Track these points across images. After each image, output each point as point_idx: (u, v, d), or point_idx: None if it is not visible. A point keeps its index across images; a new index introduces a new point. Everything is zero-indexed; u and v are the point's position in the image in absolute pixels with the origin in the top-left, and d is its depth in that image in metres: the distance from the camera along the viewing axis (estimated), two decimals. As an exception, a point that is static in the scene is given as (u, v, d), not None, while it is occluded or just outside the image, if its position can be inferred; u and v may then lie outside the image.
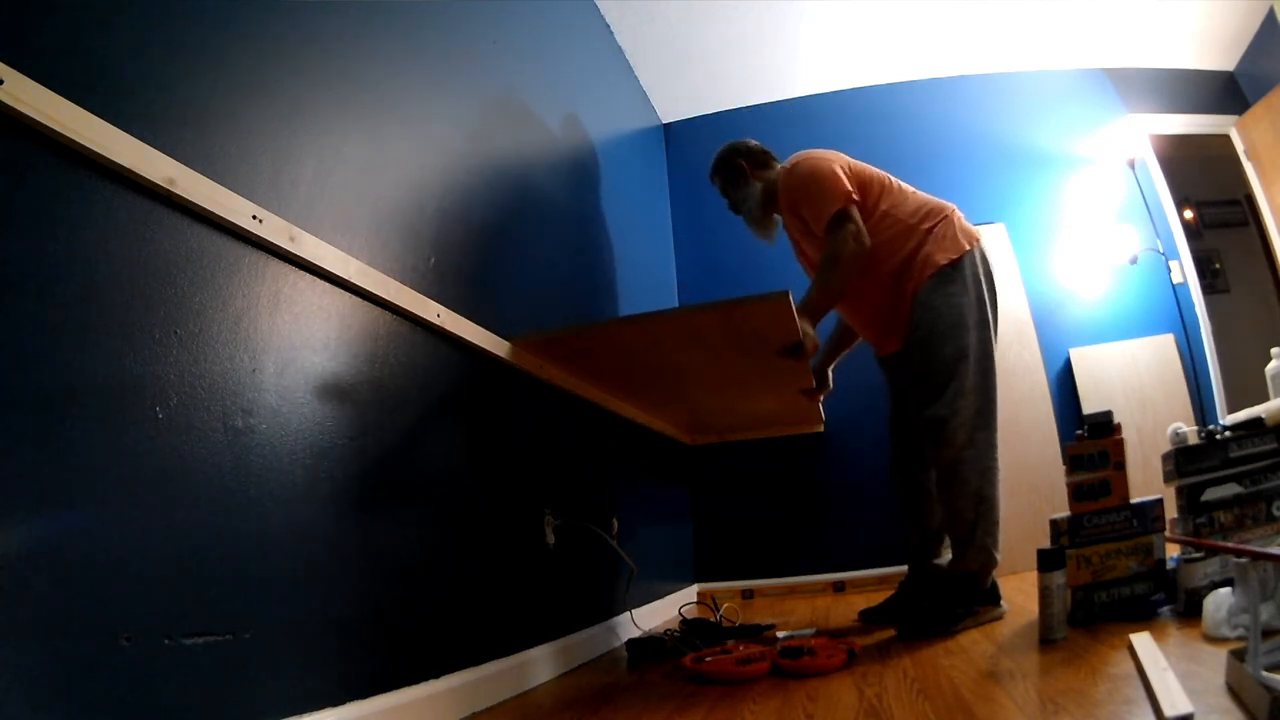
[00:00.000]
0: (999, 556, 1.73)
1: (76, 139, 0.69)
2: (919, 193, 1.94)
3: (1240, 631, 1.12)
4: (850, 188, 1.80)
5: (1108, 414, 1.59)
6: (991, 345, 1.81)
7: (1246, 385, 2.79)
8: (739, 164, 2.07)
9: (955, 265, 1.80)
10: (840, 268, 1.76)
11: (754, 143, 2.13)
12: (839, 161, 1.87)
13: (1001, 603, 1.72)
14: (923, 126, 3.41)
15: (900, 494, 2.01)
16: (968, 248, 1.82)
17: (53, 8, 0.71)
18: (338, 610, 0.98)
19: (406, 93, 1.36)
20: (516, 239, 1.74)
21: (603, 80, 2.79)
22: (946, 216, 1.86)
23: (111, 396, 0.72)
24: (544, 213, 1.95)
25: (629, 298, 2.60)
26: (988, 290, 1.83)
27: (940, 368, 1.76)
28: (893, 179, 1.94)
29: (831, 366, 2.20)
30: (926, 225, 1.85)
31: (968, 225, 1.88)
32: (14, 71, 0.64)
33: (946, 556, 1.91)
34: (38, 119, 0.66)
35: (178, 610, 0.76)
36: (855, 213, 1.79)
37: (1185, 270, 3.14)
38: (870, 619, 1.95)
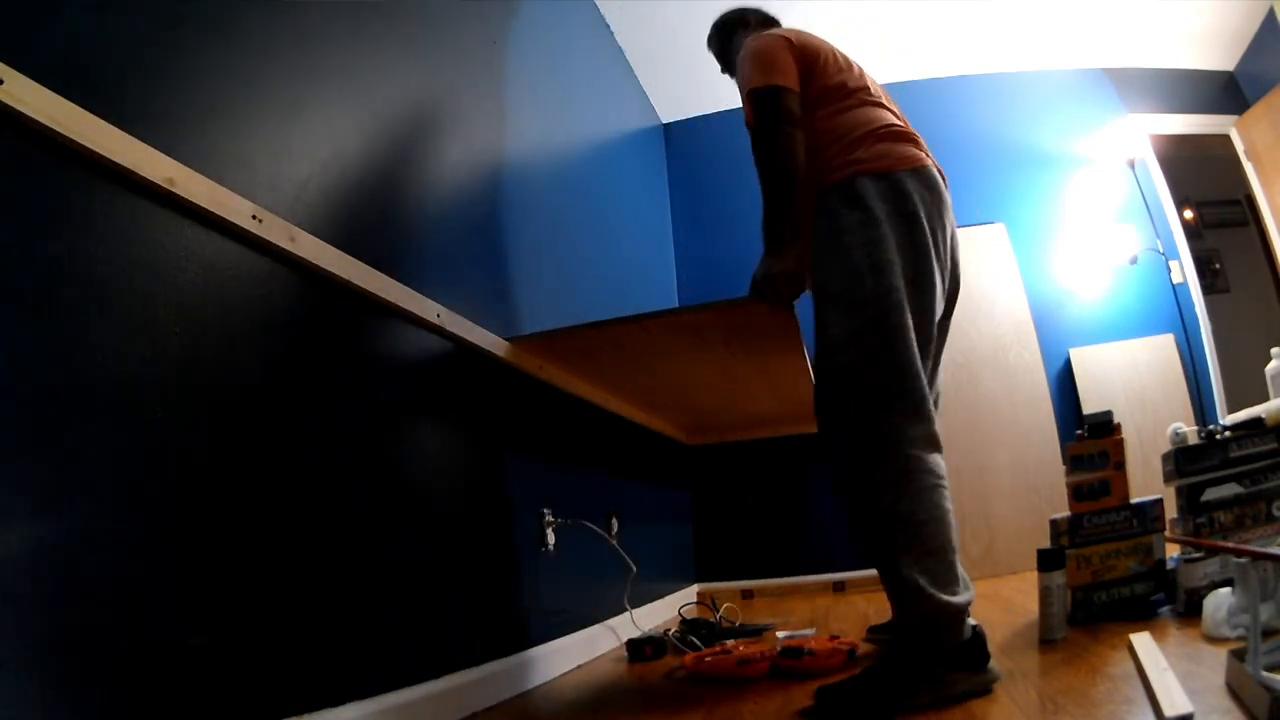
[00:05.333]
0: (952, 598, 1.10)
1: (76, 139, 0.69)
2: (879, 109, 1.47)
3: (1240, 631, 1.12)
4: (786, 71, 1.37)
5: (1108, 414, 1.59)
6: (900, 298, 1.20)
7: (1246, 385, 2.79)
8: (737, 30, 1.79)
9: (858, 183, 1.28)
10: (768, 173, 1.31)
11: (755, 9, 1.80)
12: (795, 39, 1.46)
13: (991, 665, 1.10)
14: (923, 126, 3.36)
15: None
16: (891, 162, 1.31)
17: (53, 8, 0.71)
18: (337, 610, 0.98)
19: (406, 93, 1.36)
20: (516, 239, 1.74)
21: (603, 80, 2.79)
22: (883, 132, 1.38)
23: (111, 396, 0.72)
24: (544, 213, 1.95)
25: (629, 297, 2.60)
26: (918, 227, 1.25)
27: (826, 333, 1.23)
28: (847, 75, 1.50)
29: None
30: (854, 138, 1.36)
31: (919, 151, 1.41)
32: (14, 71, 0.64)
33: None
34: (38, 119, 0.66)
35: (178, 610, 0.76)
36: (785, 103, 1.33)
37: (1185, 270, 3.14)
38: (878, 634, 1.62)
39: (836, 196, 1.30)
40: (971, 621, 1.13)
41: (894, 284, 1.21)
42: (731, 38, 1.77)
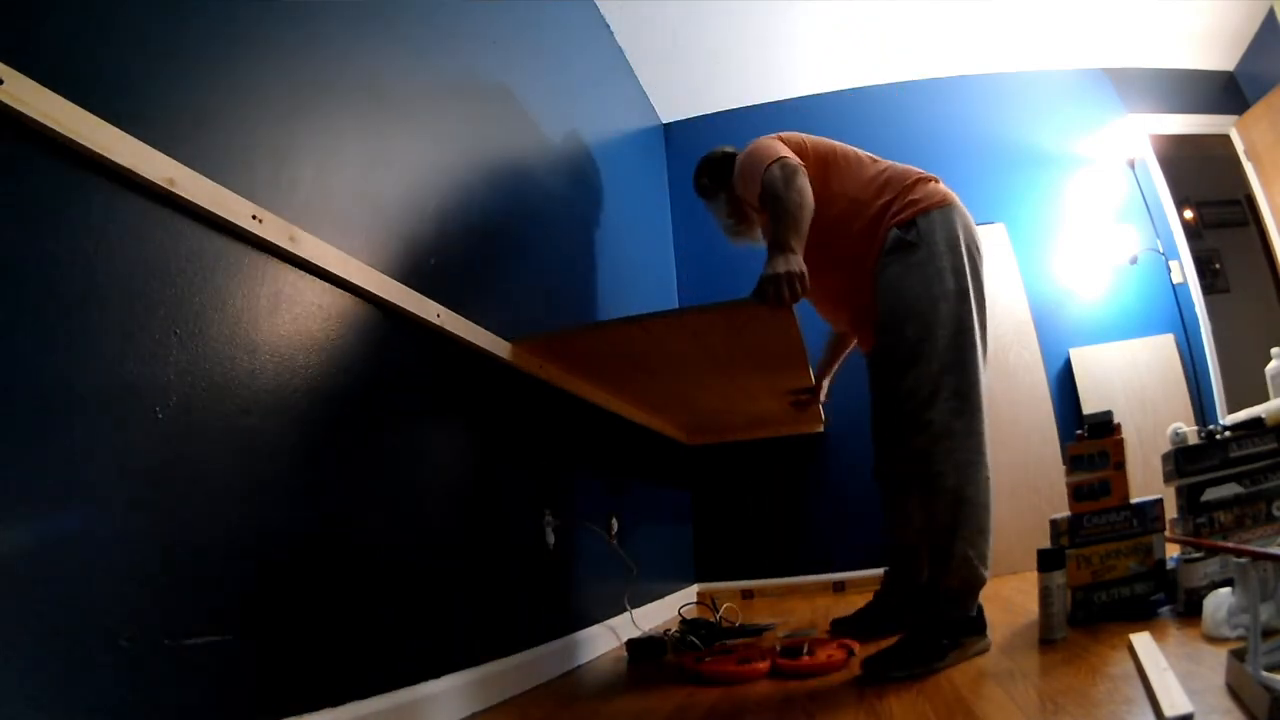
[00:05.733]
0: (986, 574, 1.38)
1: (76, 139, 0.69)
2: (883, 162, 1.70)
3: (1240, 631, 1.12)
4: (784, 149, 1.57)
5: (1108, 414, 1.59)
6: (972, 320, 1.47)
7: (1246, 385, 2.79)
8: (703, 183, 2.06)
9: (911, 228, 1.53)
10: (782, 198, 1.46)
11: (718, 151, 2.05)
12: (780, 136, 1.66)
13: (987, 633, 1.39)
14: (923, 126, 3.41)
15: (883, 497, 1.76)
16: (927, 206, 1.55)
17: (53, 8, 0.71)
18: (337, 610, 0.98)
19: (406, 93, 1.36)
20: (516, 239, 1.74)
21: (603, 80, 2.79)
22: (909, 184, 1.60)
23: (111, 396, 0.72)
24: (544, 213, 1.95)
25: (629, 297, 2.60)
26: (968, 260, 1.52)
27: (904, 347, 1.47)
28: (852, 152, 1.72)
29: (828, 378, 2.15)
30: (884, 198, 1.59)
31: (942, 189, 1.61)
32: (14, 71, 0.64)
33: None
34: (38, 119, 0.66)
35: (178, 610, 0.76)
36: (790, 160, 1.54)
37: (1185, 270, 3.14)
38: (840, 630, 1.76)
39: (902, 233, 1.54)
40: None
41: (965, 304, 1.48)
42: (722, 168, 1.98)
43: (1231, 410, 2.73)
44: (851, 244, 1.61)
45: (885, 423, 1.56)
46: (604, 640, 1.84)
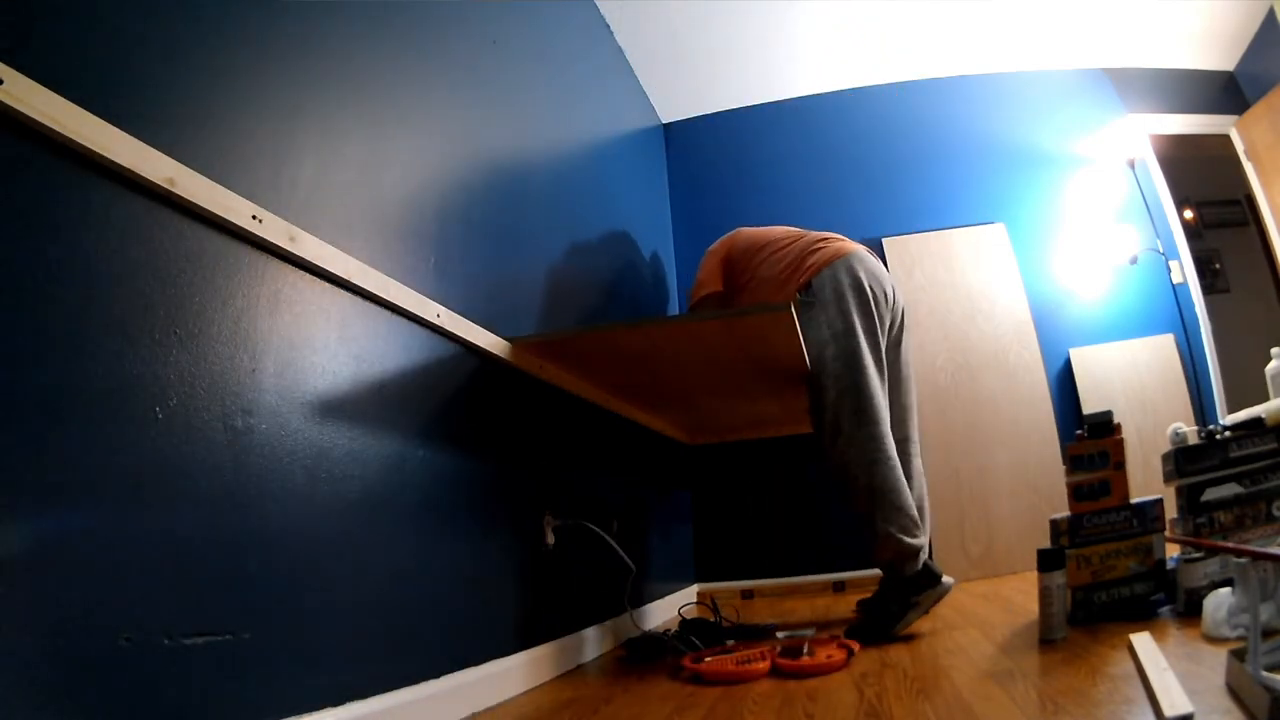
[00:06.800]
0: (916, 539, 1.71)
1: (76, 139, 0.69)
2: (794, 240, 2.08)
3: (1240, 631, 1.12)
4: (713, 278, 2.17)
5: (1108, 414, 1.59)
6: (860, 348, 1.83)
7: (1246, 385, 2.79)
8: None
9: (807, 290, 1.92)
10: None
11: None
12: (723, 248, 2.23)
13: (943, 579, 1.68)
14: (923, 126, 3.41)
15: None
16: (818, 267, 1.93)
17: (53, 8, 0.71)
18: (337, 610, 0.98)
19: (406, 92, 1.36)
20: (516, 239, 1.74)
21: (603, 80, 2.79)
22: (808, 253, 1.99)
23: (111, 396, 0.72)
24: (544, 213, 1.95)
25: (629, 297, 2.60)
26: (854, 298, 1.87)
27: (813, 384, 1.87)
28: (767, 242, 2.14)
29: None
30: (792, 273, 1.98)
31: (833, 247, 1.97)
32: (14, 71, 0.64)
33: None
34: (38, 119, 0.66)
35: (178, 610, 0.76)
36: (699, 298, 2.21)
37: (1185, 270, 3.14)
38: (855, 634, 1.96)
39: (803, 295, 1.94)
40: (923, 556, 1.71)
41: (853, 339, 1.85)
42: None
43: (1231, 410, 2.72)
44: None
45: (818, 445, 1.90)
46: (604, 640, 1.84)
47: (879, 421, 1.79)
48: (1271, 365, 1.94)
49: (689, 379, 1.96)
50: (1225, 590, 1.22)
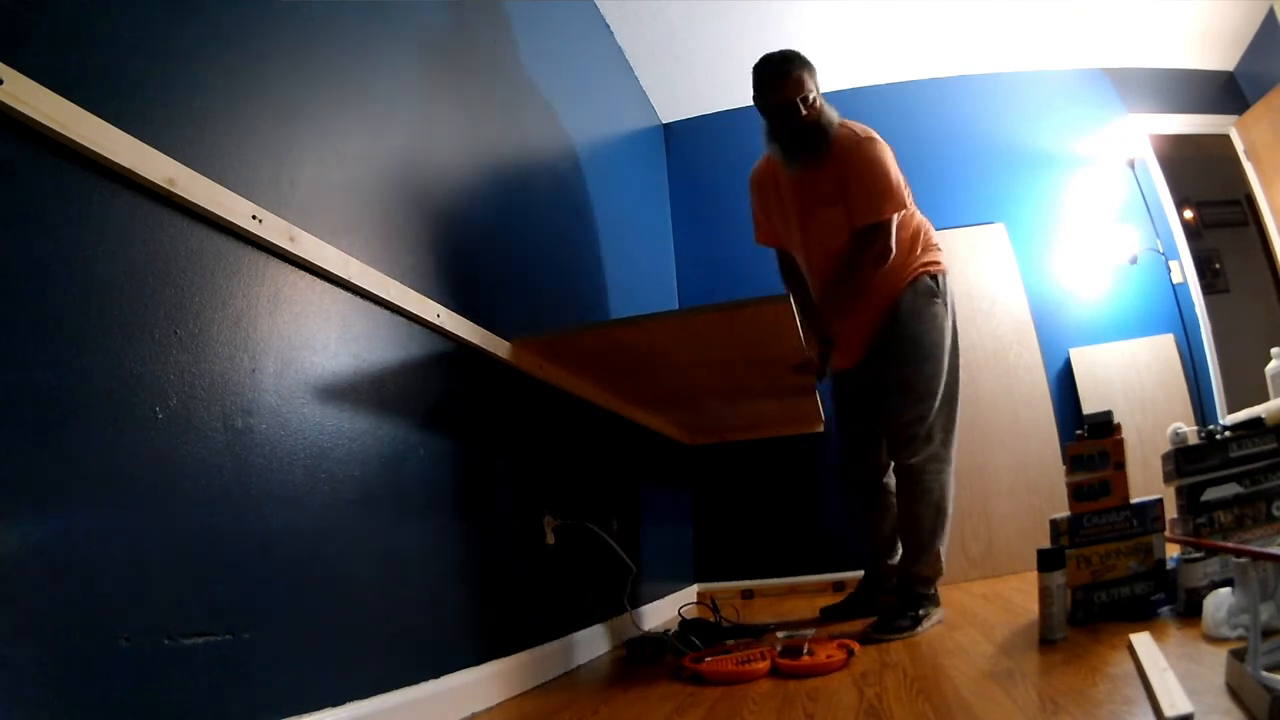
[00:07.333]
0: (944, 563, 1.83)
1: (76, 139, 0.69)
2: (915, 209, 1.94)
3: (1240, 631, 1.12)
4: (903, 199, 1.79)
5: (1108, 414, 1.59)
6: (959, 370, 1.87)
7: (1246, 385, 2.79)
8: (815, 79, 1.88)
9: (938, 280, 1.85)
10: (856, 282, 1.78)
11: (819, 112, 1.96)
12: (894, 164, 1.82)
13: (940, 604, 1.81)
14: (923, 126, 3.41)
15: (853, 498, 2.09)
16: (945, 269, 1.88)
17: (53, 8, 0.71)
18: (337, 610, 0.98)
19: (407, 92, 1.36)
20: (516, 239, 1.74)
21: (603, 80, 2.79)
22: (932, 243, 1.91)
23: (111, 396, 0.72)
24: (544, 213, 1.95)
25: (629, 297, 2.60)
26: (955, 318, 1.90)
27: (920, 382, 1.80)
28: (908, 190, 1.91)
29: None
30: (916, 248, 1.88)
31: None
32: (14, 71, 0.64)
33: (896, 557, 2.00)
34: (38, 119, 0.66)
35: (178, 610, 0.76)
36: (894, 228, 1.77)
37: (1185, 270, 3.14)
38: (831, 616, 2.05)
39: (932, 283, 1.86)
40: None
41: (959, 358, 1.87)
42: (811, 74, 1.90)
43: (1231, 410, 2.73)
44: (882, 279, 1.83)
45: (884, 434, 1.90)
46: (604, 640, 1.84)
47: (956, 444, 1.84)
48: (1271, 365, 1.94)
49: (689, 377, 1.96)
50: (1225, 590, 1.22)
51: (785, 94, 1.79)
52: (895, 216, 1.74)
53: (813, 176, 1.84)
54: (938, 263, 1.88)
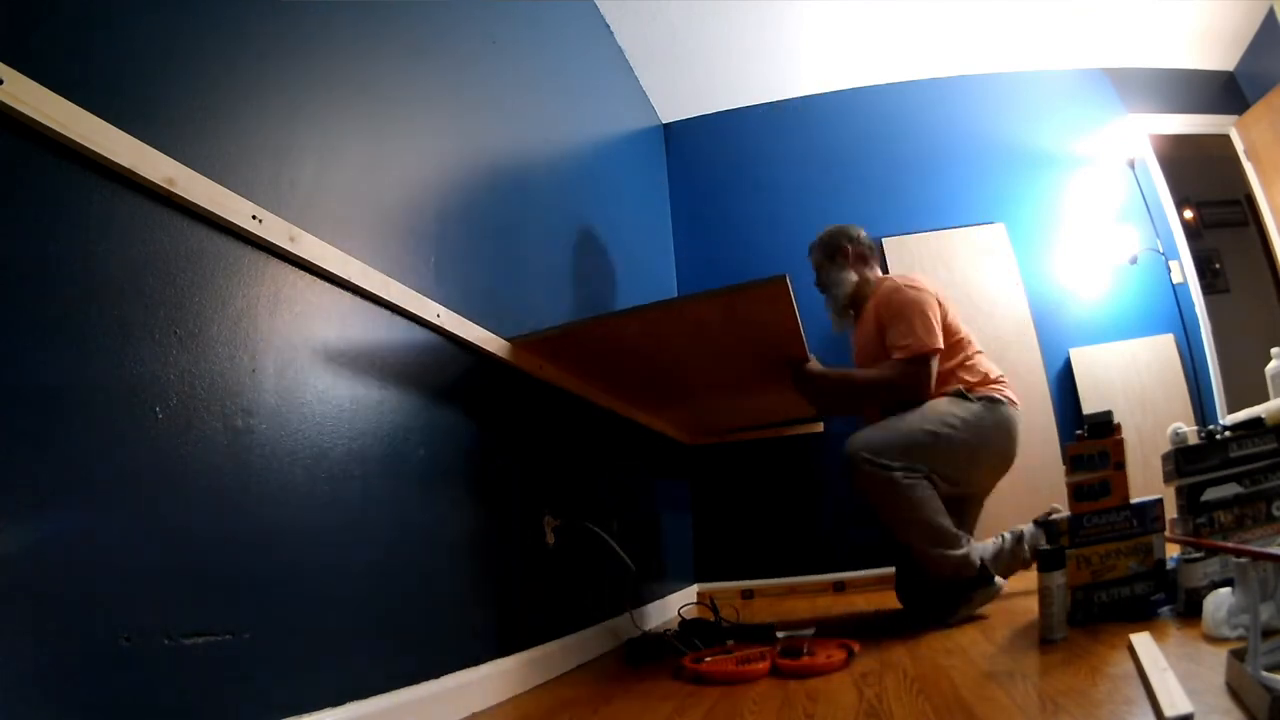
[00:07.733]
0: (958, 548, 1.76)
1: (76, 139, 0.69)
2: (989, 360, 2.00)
3: (1240, 631, 1.12)
4: (939, 341, 1.88)
5: (1108, 414, 1.59)
6: (970, 476, 1.88)
7: (1246, 385, 2.79)
8: (844, 247, 2.17)
9: (968, 393, 1.87)
10: (880, 395, 1.90)
11: (865, 235, 2.22)
12: (934, 304, 1.93)
13: (995, 580, 1.77)
14: (923, 126, 3.41)
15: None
16: (1012, 399, 1.91)
17: (53, 8, 0.71)
18: (337, 610, 0.98)
19: (407, 93, 1.36)
20: (516, 239, 1.74)
21: (603, 80, 2.79)
22: (982, 366, 1.96)
23: (111, 396, 0.72)
24: (544, 213, 1.95)
25: (629, 297, 2.60)
26: (1002, 455, 1.90)
27: (904, 424, 1.82)
28: (968, 336, 1.99)
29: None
30: (996, 382, 1.94)
31: (1011, 396, 1.94)
32: (14, 71, 0.64)
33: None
34: (38, 119, 0.66)
35: (178, 610, 0.76)
36: (934, 366, 1.87)
37: (1185, 270, 3.14)
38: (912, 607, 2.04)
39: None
40: (977, 561, 1.76)
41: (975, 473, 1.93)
42: (835, 257, 2.20)
43: (1231, 410, 2.72)
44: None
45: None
46: (604, 640, 1.84)
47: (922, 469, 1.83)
48: (1271, 365, 1.94)
49: (688, 370, 1.95)
50: (1225, 590, 1.22)
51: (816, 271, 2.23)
52: (934, 359, 1.87)
53: (861, 325, 2.11)
54: (986, 383, 1.92)
